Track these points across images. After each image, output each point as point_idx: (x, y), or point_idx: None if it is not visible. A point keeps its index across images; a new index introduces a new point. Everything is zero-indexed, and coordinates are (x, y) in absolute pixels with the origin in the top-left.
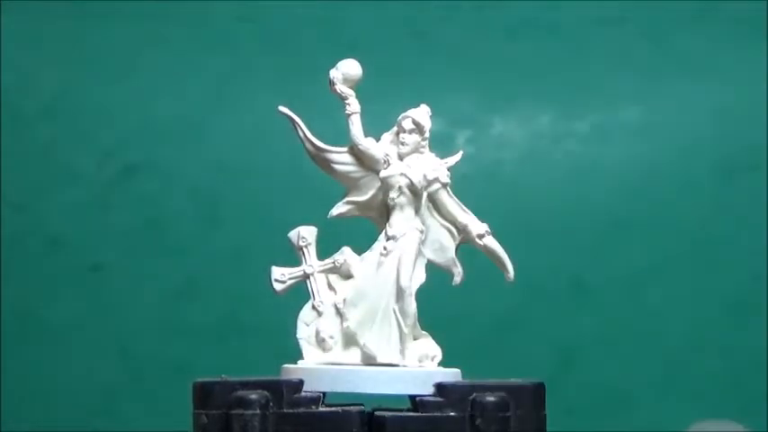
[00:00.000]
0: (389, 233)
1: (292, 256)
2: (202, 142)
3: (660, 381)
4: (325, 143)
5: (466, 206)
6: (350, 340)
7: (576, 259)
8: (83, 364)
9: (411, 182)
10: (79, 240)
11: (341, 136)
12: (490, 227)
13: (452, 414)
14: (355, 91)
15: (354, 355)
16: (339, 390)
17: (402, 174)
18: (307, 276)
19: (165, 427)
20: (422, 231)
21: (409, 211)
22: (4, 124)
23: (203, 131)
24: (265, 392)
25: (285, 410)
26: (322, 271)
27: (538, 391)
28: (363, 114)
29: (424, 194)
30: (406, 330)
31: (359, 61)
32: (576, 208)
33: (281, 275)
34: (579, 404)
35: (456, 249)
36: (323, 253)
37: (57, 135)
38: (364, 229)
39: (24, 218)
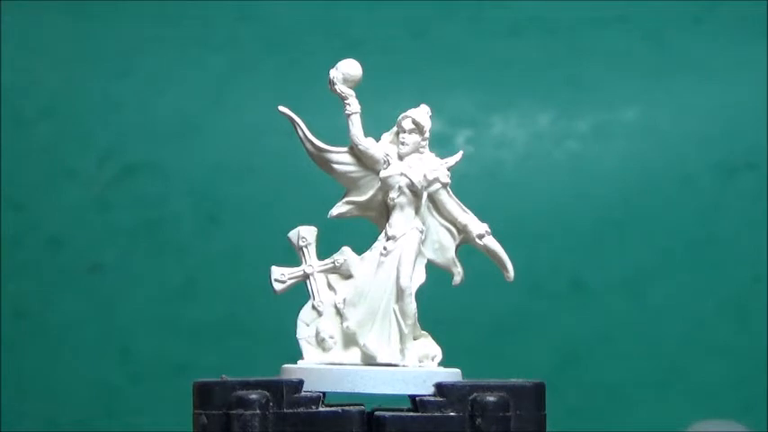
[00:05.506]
0: (389, 233)
1: (292, 255)
2: (202, 142)
3: (660, 381)
4: (325, 143)
5: (466, 206)
6: (350, 340)
7: (576, 259)
8: (83, 364)
9: (411, 182)
10: (79, 240)
11: (341, 136)
12: (490, 227)
13: (452, 414)
14: (355, 91)
15: (354, 355)
16: (339, 390)
17: (402, 174)
18: (306, 276)
19: (165, 427)
20: (422, 231)
21: (409, 211)
22: (4, 124)
23: (203, 131)
24: (265, 392)
25: (285, 410)
26: (322, 271)
27: (538, 391)
28: (363, 114)
29: (424, 194)
30: (406, 330)
31: (359, 61)
32: (576, 208)
33: (281, 275)
34: (579, 404)
35: (456, 249)
36: (323, 253)
37: (57, 135)
38: (364, 229)
39: (24, 218)
